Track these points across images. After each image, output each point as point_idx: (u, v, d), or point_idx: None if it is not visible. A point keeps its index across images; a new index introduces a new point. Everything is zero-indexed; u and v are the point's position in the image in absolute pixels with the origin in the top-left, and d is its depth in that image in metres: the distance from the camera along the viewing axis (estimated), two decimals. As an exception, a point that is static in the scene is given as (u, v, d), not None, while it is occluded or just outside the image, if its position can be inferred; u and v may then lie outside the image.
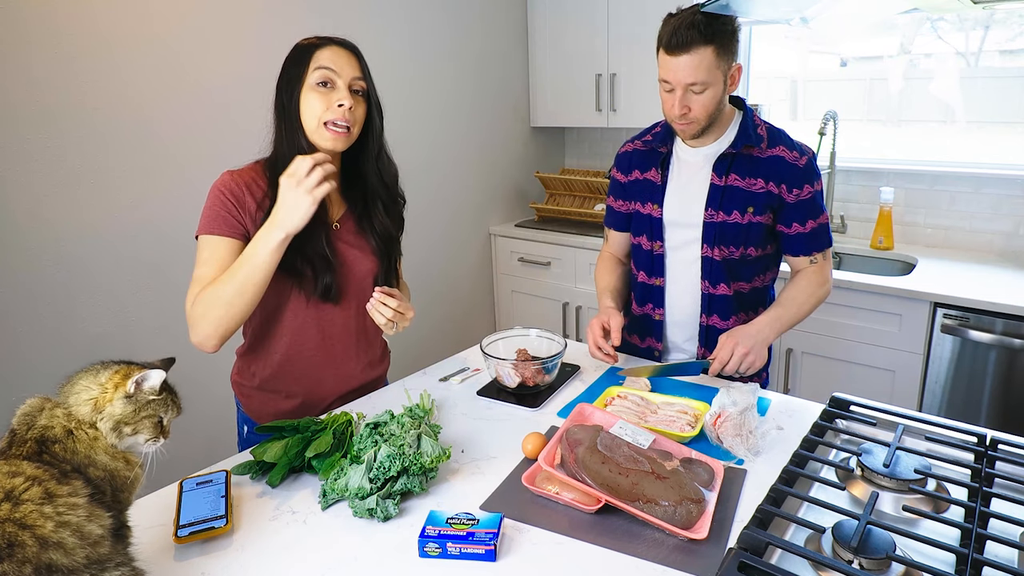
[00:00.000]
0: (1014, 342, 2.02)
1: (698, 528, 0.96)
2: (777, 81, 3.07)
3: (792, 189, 1.46)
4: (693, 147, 1.53)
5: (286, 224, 1.16)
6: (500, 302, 3.44)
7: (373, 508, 1.01)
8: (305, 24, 2.36)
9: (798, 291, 1.52)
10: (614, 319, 1.51)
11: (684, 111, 1.40)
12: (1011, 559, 0.88)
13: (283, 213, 1.16)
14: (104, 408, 0.81)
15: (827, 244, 1.53)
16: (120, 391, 0.82)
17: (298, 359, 1.37)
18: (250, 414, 1.42)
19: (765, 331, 1.44)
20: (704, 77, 1.35)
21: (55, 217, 1.88)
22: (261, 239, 1.17)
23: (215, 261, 1.23)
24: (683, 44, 1.33)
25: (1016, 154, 2.49)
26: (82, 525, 0.70)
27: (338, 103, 1.22)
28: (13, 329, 1.84)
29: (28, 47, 1.77)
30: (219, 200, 1.25)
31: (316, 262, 1.29)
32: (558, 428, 1.22)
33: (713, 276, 1.53)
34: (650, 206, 1.57)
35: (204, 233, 1.25)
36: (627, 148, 1.66)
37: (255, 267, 1.17)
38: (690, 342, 1.62)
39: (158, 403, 0.86)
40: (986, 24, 2.54)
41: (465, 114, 3.11)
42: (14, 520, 0.65)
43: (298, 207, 1.15)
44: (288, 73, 1.27)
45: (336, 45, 1.26)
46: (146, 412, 0.84)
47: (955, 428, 1.18)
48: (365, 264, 1.38)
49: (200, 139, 2.15)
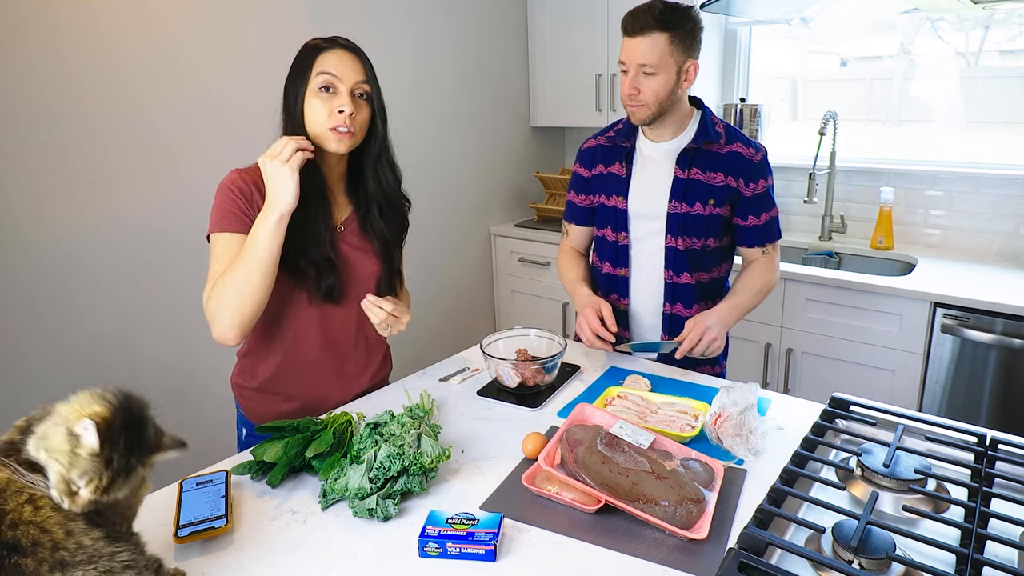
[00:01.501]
0: (1014, 342, 2.02)
1: (698, 528, 0.96)
2: (777, 81, 3.07)
3: (749, 183, 1.55)
4: (656, 142, 1.60)
5: (277, 202, 1.17)
6: (500, 302, 3.44)
7: (373, 508, 1.01)
8: (305, 24, 2.37)
9: (752, 280, 1.61)
10: (605, 306, 1.56)
11: (633, 91, 1.48)
12: (1011, 559, 0.88)
13: (271, 193, 1.18)
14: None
15: (777, 236, 1.64)
16: (76, 419, 0.73)
17: (299, 360, 1.37)
18: (250, 416, 1.42)
19: (727, 317, 1.54)
20: (655, 61, 1.44)
21: (55, 217, 1.88)
22: (259, 223, 1.19)
23: (228, 258, 1.23)
24: (639, 28, 1.44)
25: (1016, 154, 2.49)
26: (80, 535, 0.73)
27: (339, 109, 1.23)
28: (13, 329, 1.84)
29: (28, 47, 1.77)
30: (228, 197, 1.26)
31: (320, 263, 1.30)
32: (558, 428, 1.22)
33: (676, 266, 1.60)
34: (615, 198, 1.63)
35: (216, 231, 1.26)
36: (590, 144, 1.71)
37: (257, 249, 1.18)
38: (654, 331, 1.68)
39: (87, 462, 0.72)
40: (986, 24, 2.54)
41: (465, 114, 3.11)
42: (36, 523, 0.70)
43: (281, 182, 1.17)
44: (293, 75, 1.27)
45: (341, 48, 1.26)
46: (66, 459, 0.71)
47: (955, 428, 1.18)
48: (368, 266, 1.39)
49: (200, 139, 2.15)
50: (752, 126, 2.82)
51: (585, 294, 1.63)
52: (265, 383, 1.38)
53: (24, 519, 0.69)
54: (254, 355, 1.38)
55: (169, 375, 2.16)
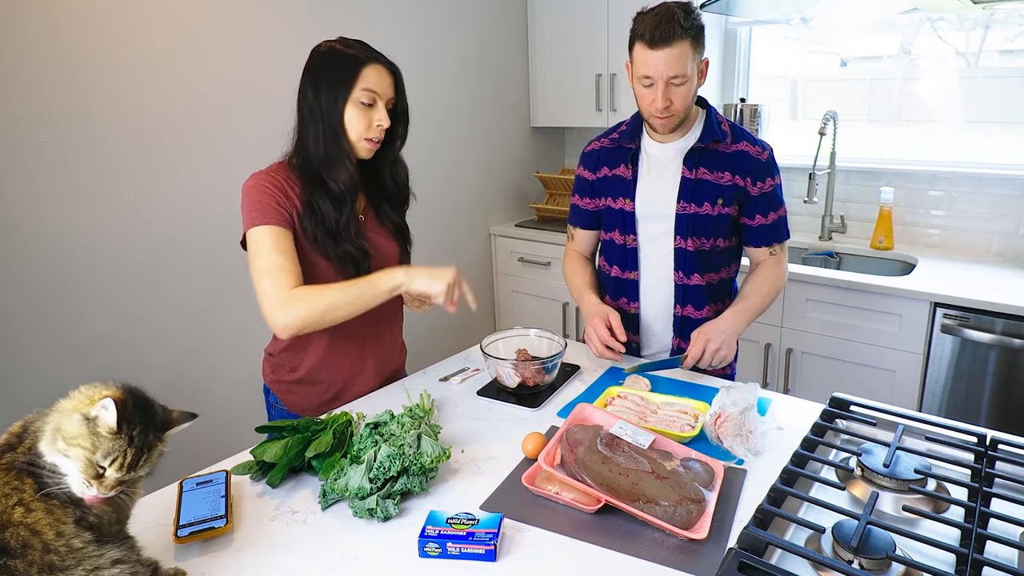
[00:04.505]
0: (1014, 342, 2.01)
1: (698, 528, 0.96)
2: (777, 81, 3.06)
3: (756, 182, 1.53)
4: (662, 143, 1.57)
5: (414, 280, 1.28)
6: (500, 302, 3.44)
7: (373, 508, 1.01)
8: (306, 25, 2.37)
9: (760, 283, 1.58)
10: (613, 315, 1.54)
11: (667, 103, 1.43)
12: (1011, 559, 0.88)
13: (422, 274, 1.29)
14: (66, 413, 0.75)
15: (786, 236, 1.61)
16: (85, 407, 0.75)
17: (341, 346, 1.42)
18: (293, 409, 1.45)
19: (734, 325, 1.51)
20: (685, 70, 1.40)
21: (55, 217, 1.88)
22: (388, 275, 1.29)
23: (282, 250, 1.27)
24: (665, 38, 1.37)
25: (1016, 154, 2.49)
26: (71, 538, 0.73)
27: (377, 123, 1.31)
28: (13, 329, 1.84)
29: (29, 48, 1.77)
30: (265, 193, 1.29)
31: (356, 253, 1.36)
32: (558, 428, 1.22)
33: (686, 267, 1.58)
34: (622, 201, 1.60)
35: (258, 224, 1.28)
36: (594, 146, 1.69)
37: (373, 296, 1.28)
38: (665, 333, 1.66)
39: (109, 442, 0.74)
40: (986, 24, 2.54)
41: (465, 114, 3.11)
42: (26, 525, 0.70)
43: (430, 284, 1.28)
44: (332, 82, 1.28)
45: (382, 66, 1.32)
46: (88, 442, 0.73)
47: (955, 428, 1.18)
48: (390, 248, 1.47)
49: (200, 140, 2.15)
50: (752, 126, 2.81)
51: (593, 302, 1.62)
52: (309, 373, 1.43)
53: (14, 521, 0.69)
54: (296, 348, 1.42)
55: (169, 375, 2.16)
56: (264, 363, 1.50)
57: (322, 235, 1.32)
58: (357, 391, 1.47)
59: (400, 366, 1.60)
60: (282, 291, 1.24)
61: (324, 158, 1.30)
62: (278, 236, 1.27)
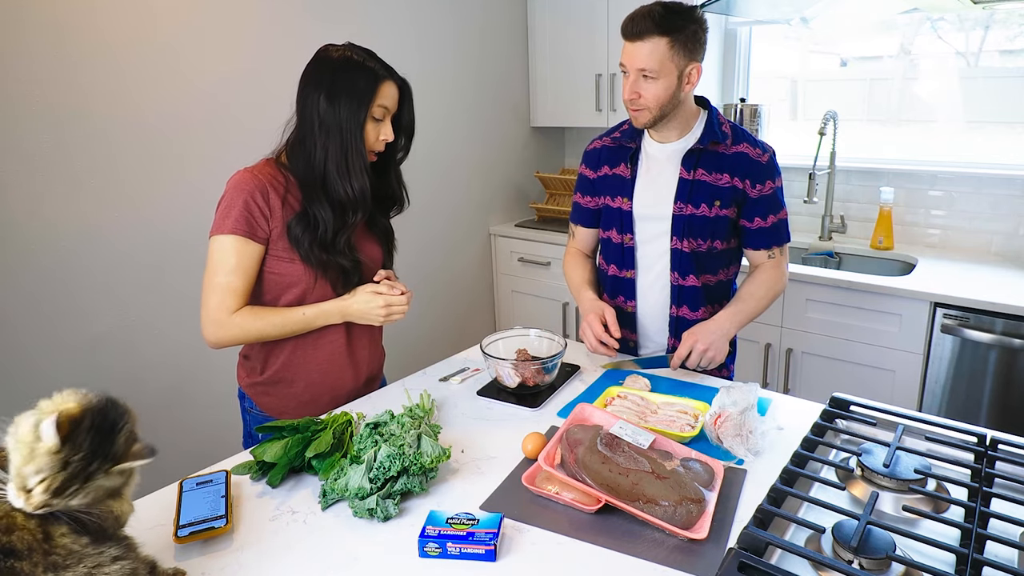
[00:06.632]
0: (1014, 342, 2.01)
1: (698, 528, 0.96)
2: (777, 81, 3.06)
3: (755, 184, 1.53)
4: (661, 143, 1.57)
5: (351, 316, 1.35)
6: (500, 302, 3.44)
7: (373, 508, 1.01)
8: (307, 26, 2.37)
9: (757, 286, 1.58)
10: (608, 312, 1.54)
11: (634, 96, 1.46)
12: (1011, 559, 0.88)
13: (356, 309, 1.35)
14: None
15: (786, 239, 1.60)
16: (41, 417, 0.71)
17: (318, 340, 1.40)
18: (271, 412, 1.42)
19: (725, 326, 1.50)
20: (655, 66, 1.42)
21: (55, 217, 1.88)
22: (325, 312, 1.34)
23: (242, 270, 1.28)
24: (638, 32, 1.42)
25: (1016, 154, 2.49)
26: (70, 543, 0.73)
27: (382, 137, 1.33)
28: (13, 329, 1.84)
29: (30, 48, 1.77)
30: (247, 201, 1.27)
31: (348, 265, 1.35)
32: (558, 428, 1.22)
33: (682, 268, 1.58)
34: (620, 200, 1.61)
35: (228, 233, 1.26)
36: (595, 145, 1.70)
37: (304, 327, 1.34)
38: (661, 333, 1.66)
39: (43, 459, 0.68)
40: (986, 24, 2.54)
41: (465, 114, 3.11)
42: (29, 528, 0.70)
43: (366, 317, 1.35)
44: (350, 92, 1.27)
45: (394, 84, 1.33)
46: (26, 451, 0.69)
47: (955, 428, 1.18)
48: (374, 252, 1.46)
49: (201, 139, 2.15)
50: (752, 126, 2.81)
51: (589, 298, 1.62)
52: (280, 371, 1.40)
53: (18, 524, 0.69)
54: (266, 346, 1.39)
55: (169, 375, 2.16)
56: (239, 367, 1.47)
57: (311, 243, 1.29)
58: (337, 392, 1.44)
59: (380, 369, 1.56)
60: (222, 314, 1.28)
61: (335, 168, 1.28)
62: (241, 252, 1.27)
